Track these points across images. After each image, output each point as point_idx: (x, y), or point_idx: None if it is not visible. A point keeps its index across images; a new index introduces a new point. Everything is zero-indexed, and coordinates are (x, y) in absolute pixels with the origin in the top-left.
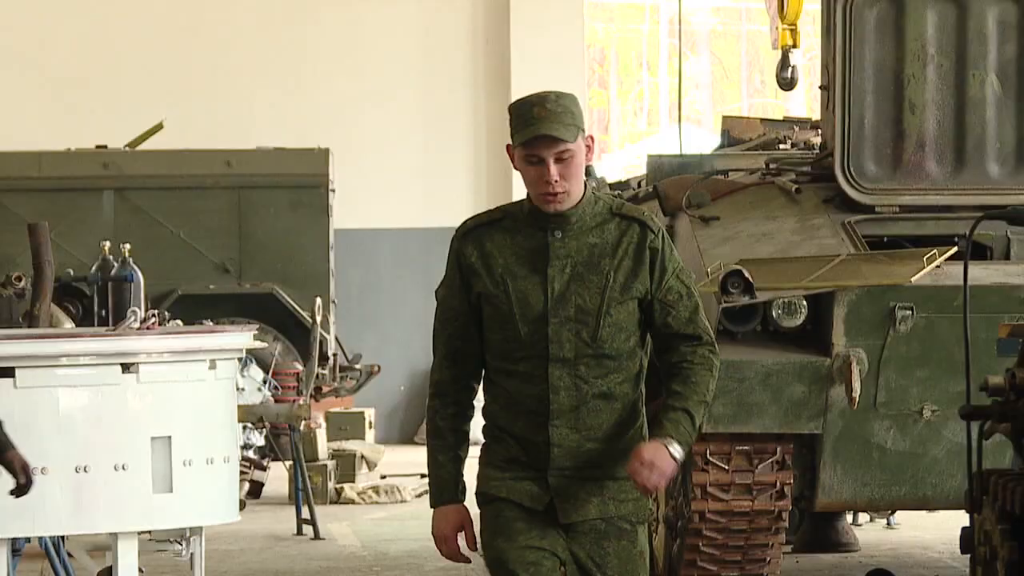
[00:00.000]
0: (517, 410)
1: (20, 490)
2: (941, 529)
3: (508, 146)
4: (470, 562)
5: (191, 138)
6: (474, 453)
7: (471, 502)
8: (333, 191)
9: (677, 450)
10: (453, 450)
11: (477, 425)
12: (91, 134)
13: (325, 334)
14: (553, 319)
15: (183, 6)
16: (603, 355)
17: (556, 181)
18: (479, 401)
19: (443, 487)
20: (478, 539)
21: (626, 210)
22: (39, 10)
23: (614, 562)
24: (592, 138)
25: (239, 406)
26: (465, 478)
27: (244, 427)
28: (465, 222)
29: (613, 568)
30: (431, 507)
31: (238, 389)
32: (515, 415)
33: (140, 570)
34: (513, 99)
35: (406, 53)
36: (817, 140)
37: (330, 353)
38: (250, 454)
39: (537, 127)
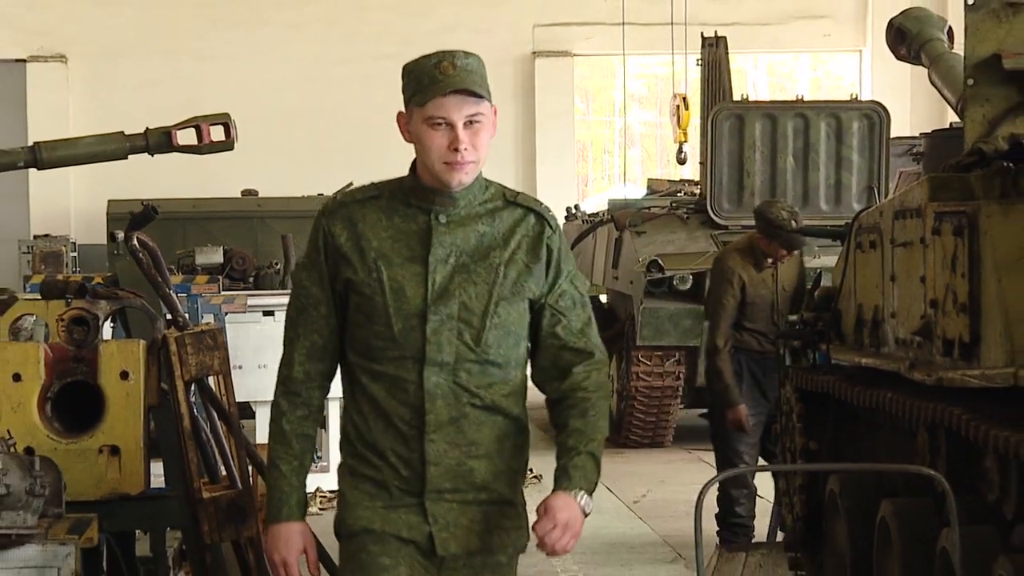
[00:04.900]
0: (387, 421)
1: None
2: None
3: (400, 114)
4: None
5: None
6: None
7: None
8: None
9: (588, 502)
10: (298, 459)
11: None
12: (314, 184)
13: None
14: (433, 316)
15: (365, 109)
16: (488, 362)
17: (466, 148)
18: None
19: (284, 500)
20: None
21: (521, 199)
22: (279, 110)
23: None
24: (496, 110)
25: None
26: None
27: None
28: (334, 196)
29: None
30: (268, 523)
31: None
32: (384, 427)
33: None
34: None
35: None
36: (698, 191)
37: None
38: None
39: (448, 82)
